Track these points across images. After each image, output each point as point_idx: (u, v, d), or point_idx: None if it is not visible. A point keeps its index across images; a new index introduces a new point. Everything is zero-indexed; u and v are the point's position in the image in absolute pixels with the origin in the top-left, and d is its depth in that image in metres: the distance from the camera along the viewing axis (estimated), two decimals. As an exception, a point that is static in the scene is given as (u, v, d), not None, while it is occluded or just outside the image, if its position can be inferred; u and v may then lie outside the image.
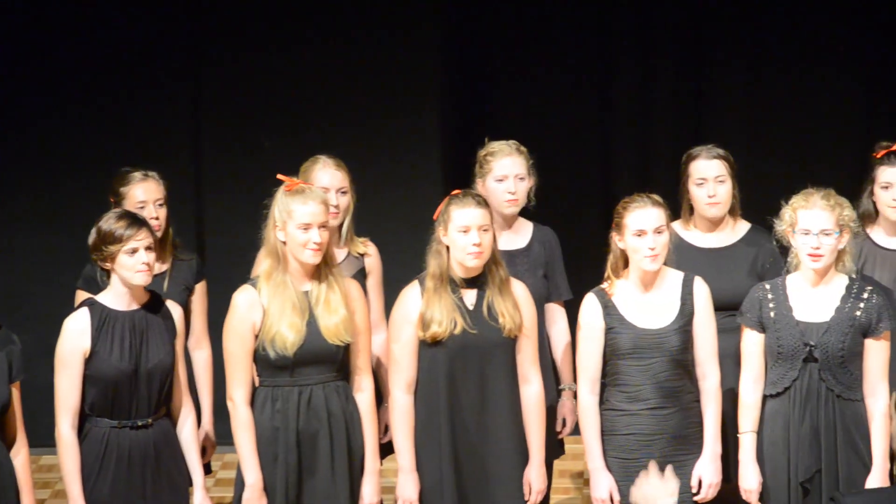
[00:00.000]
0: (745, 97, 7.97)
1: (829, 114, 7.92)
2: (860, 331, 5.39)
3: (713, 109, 8.01)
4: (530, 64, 8.02)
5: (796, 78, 7.91)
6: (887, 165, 5.86)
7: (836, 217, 5.38)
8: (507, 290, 5.48)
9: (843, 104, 7.92)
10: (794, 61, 7.91)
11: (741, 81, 7.97)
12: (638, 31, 8.01)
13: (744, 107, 7.98)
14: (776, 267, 5.82)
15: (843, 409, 5.38)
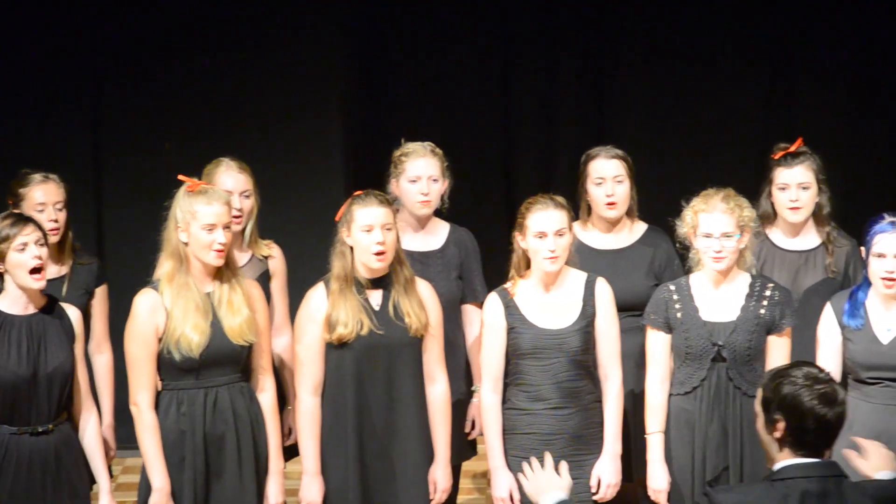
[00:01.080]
0: (645, 98, 8.03)
1: (728, 114, 7.99)
2: (765, 328, 5.46)
3: (615, 110, 8.06)
4: (433, 65, 8.02)
5: (696, 78, 7.97)
6: (784, 167, 5.91)
7: (737, 219, 5.43)
8: (413, 289, 5.48)
9: (742, 104, 7.99)
10: (695, 62, 7.98)
11: (642, 82, 8.03)
12: (539, 32, 8.05)
13: (645, 107, 8.03)
14: (673, 267, 5.88)
15: (748, 406, 5.40)
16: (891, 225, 5.31)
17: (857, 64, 7.92)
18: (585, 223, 6.07)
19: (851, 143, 7.87)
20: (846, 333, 5.40)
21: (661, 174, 6.60)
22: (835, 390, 3.87)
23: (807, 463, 3.86)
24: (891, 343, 5.33)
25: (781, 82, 8.00)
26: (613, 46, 8.05)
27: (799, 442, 3.87)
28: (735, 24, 7.97)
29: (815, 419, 3.84)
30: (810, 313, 5.64)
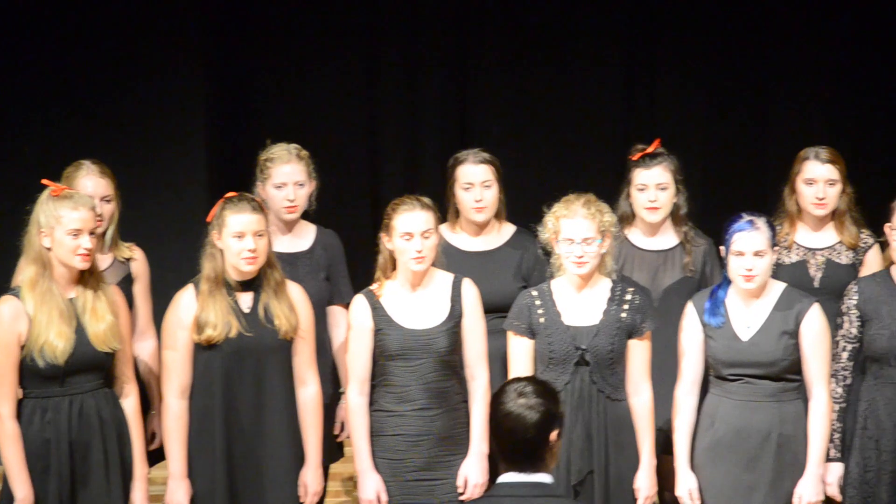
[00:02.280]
0: (508, 99, 8.07)
1: (589, 116, 8.07)
2: (626, 332, 5.51)
3: (478, 111, 8.09)
4: (298, 65, 7.99)
5: (557, 80, 8.03)
6: (643, 168, 5.97)
7: (598, 224, 5.48)
8: (283, 292, 5.46)
9: (603, 106, 8.07)
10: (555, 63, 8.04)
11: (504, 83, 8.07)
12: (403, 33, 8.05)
13: (507, 108, 8.07)
14: (540, 270, 5.91)
15: (611, 409, 5.48)
16: (748, 224, 5.40)
17: (713, 65, 8.04)
18: (454, 225, 6.09)
19: (708, 143, 7.99)
20: (707, 331, 5.47)
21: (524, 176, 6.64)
22: (527, 404, 3.89)
23: (517, 482, 3.89)
24: (751, 340, 5.42)
25: (640, 84, 8.09)
26: (476, 47, 8.07)
27: (501, 454, 3.93)
28: (594, 26, 8.05)
29: (501, 428, 3.92)
30: (670, 312, 5.71)
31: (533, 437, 3.90)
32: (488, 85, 8.07)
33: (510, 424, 3.91)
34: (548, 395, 3.97)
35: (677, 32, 8.03)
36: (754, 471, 5.39)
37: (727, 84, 8.03)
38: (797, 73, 8.02)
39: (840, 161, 5.97)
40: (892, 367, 5.36)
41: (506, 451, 3.93)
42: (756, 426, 5.36)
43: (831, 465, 5.44)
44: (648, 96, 8.06)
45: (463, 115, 8.09)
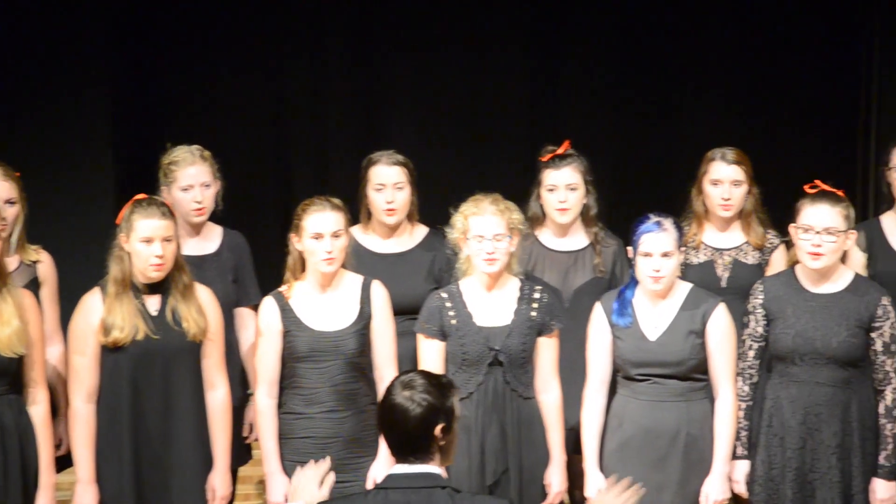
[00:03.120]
0: (416, 101, 8.08)
1: (497, 118, 8.09)
2: (536, 330, 5.53)
3: (385, 111, 8.09)
4: (205, 67, 7.94)
5: (465, 83, 8.05)
6: (553, 169, 5.99)
7: (507, 221, 5.50)
8: (192, 295, 5.43)
9: (511, 108, 8.10)
10: (463, 65, 8.05)
11: (412, 85, 8.07)
12: (309, 31, 8.03)
13: (416, 111, 8.08)
14: (452, 272, 5.90)
15: (523, 408, 5.50)
16: (656, 225, 5.44)
17: (621, 66, 8.09)
18: (366, 226, 6.09)
19: (616, 144, 8.04)
20: (615, 332, 5.50)
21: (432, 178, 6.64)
22: (409, 396, 3.89)
23: (402, 473, 3.89)
24: (658, 340, 5.45)
25: (548, 86, 8.12)
26: (384, 49, 8.07)
27: (388, 444, 3.94)
28: (500, 27, 8.07)
29: (381, 417, 3.93)
30: (580, 313, 5.73)
31: (414, 430, 3.88)
32: (396, 87, 8.07)
33: (393, 416, 3.90)
34: (434, 389, 3.94)
35: (584, 33, 8.07)
36: (662, 470, 5.42)
37: (635, 85, 8.08)
38: (704, 73, 8.08)
39: (746, 162, 6.03)
40: (797, 366, 5.42)
41: (391, 443, 3.93)
42: (664, 426, 5.40)
43: (738, 463, 5.49)
44: (556, 97, 8.09)
45: (371, 116, 8.07)
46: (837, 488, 5.38)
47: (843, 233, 5.40)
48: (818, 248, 5.38)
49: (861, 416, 5.41)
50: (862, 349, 5.41)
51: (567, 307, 5.87)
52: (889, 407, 5.42)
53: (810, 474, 5.41)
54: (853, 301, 5.42)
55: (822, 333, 5.39)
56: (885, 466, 5.41)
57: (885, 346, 5.42)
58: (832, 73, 8.01)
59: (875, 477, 5.42)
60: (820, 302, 5.44)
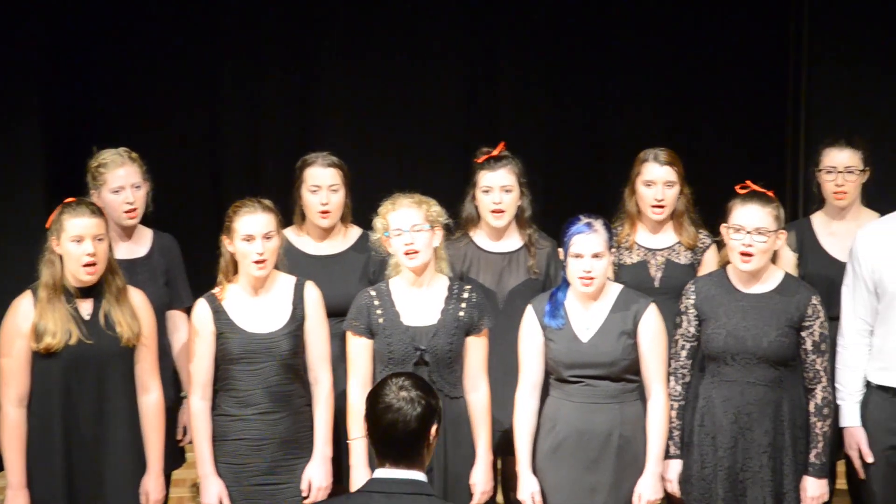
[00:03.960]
0: (351, 103, 8.07)
1: (432, 119, 8.09)
2: (464, 330, 5.53)
3: (320, 112, 8.07)
4: (136, 67, 7.90)
5: (400, 84, 8.05)
6: (488, 170, 6.00)
7: (425, 213, 5.49)
8: (125, 298, 5.40)
9: (446, 110, 8.11)
10: (398, 67, 8.05)
11: (347, 87, 8.06)
12: (245, 30, 8.00)
13: (351, 113, 8.07)
14: (384, 272, 5.91)
15: (450, 407, 5.49)
16: (587, 226, 5.45)
17: (554, 68, 8.12)
18: (299, 228, 6.08)
19: (549, 146, 8.07)
20: (548, 334, 5.50)
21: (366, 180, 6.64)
22: (401, 399, 3.92)
23: (388, 478, 3.91)
24: (590, 342, 5.47)
25: (483, 87, 8.14)
26: (319, 50, 8.06)
27: (375, 448, 3.95)
28: (436, 29, 8.08)
29: (371, 423, 3.94)
30: (515, 314, 5.74)
31: (415, 430, 3.91)
32: (331, 88, 8.06)
33: (392, 417, 3.91)
34: (427, 390, 3.99)
35: (518, 36, 8.10)
36: (596, 472, 5.44)
37: (568, 87, 8.12)
38: (636, 75, 8.13)
39: (678, 163, 6.06)
40: (729, 366, 5.45)
41: (384, 446, 3.93)
42: (597, 428, 5.42)
43: (671, 462, 5.52)
44: (491, 100, 8.11)
45: (305, 117, 8.06)
46: (769, 487, 5.42)
47: (774, 233, 5.45)
48: (749, 249, 5.41)
49: (792, 415, 5.45)
50: (793, 348, 5.45)
51: (501, 309, 5.88)
52: (819, 405, 5.46)
53: (742, 473, 5.44)
54: (784, 301, 5.46)
55: (754, 333, 5.42)
56: (816, 464, 5.45)
57: (815, 346, 5.46)
58: (762, 74, 8.08)
59: (806, 475, 5.46)
60: (751, 302, 5.48)
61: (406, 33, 8.03)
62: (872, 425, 5.49)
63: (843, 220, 6.07)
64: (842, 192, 6.04)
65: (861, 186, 6.07)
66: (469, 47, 8.11)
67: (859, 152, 6.05)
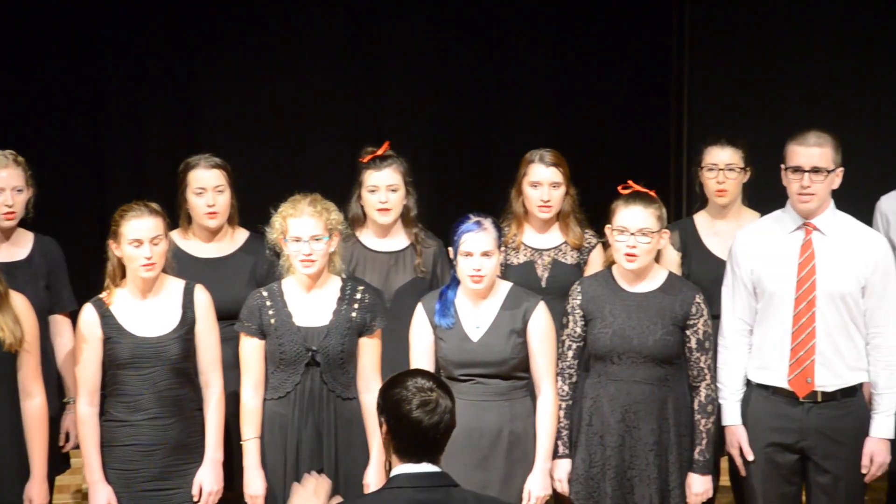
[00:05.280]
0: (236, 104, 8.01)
1: (318, 119, 8.06)
2: (356, 331, 5.54)
3: (207, 114, 8.00)
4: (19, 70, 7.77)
5: (285, 83, 8.01)
6: (373, 170, 6.02)
7: (325, 222, 5.50)
8: (7, 303, 5.33)
9: (333, 109, 8.08)
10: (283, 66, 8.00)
11: (232, 88, 8.01)
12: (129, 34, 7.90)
13: (236, 113, 8.01)
14: (273, 274, 5.88)
15: (341, 408, 5.51)
16: (476, 224, 5.48)
17: (441, 67, 8.12)
18: (186, 231, 6.04)
19: (436, 145, 8.08)
20: (438, 333, 5.53)
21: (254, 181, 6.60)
22: (436, 400, 3.94)
23: (416, 473, 3.95)
24: (480, 340, 5.50)
25: (369, 87, 8.12)
26: (205, 51, 7.99)
27: (401, 447, 3.96)
28: (322, 28, 8.05)
29: (410, 424, 3.92)
30: (402, 313, 5.77)
31: (444, 432, 3.94)
32: (215, 89, 7.99)
33: (438, 417, 3.93)
34: (447, 389, 4.01)
35: (405, 35, 8.09)
36: (486, 469, 5.47)
37: (455, 87, 8.13)
38: (523, 75, 8.16)
39: (564, 164, 6.11)
40: (615, 365, 5.51)
41: (409, 445, 3.94)
42: (488, 425, 5.45)
43: (558, 462, 5.56)
44: (377, 99, 8.10)
45: (191, 119, 7.99)
46: (655, 484, 5.48)
47: (657, 233, 5.51)
48: (633, 249, 5.47)
49: (677, 413, 5.52)
50: (677, 347, 5.52)
51: (388, 308, 5.89)
52: (703, 403, 5.54)
53: (629, 471, 5.50)
54: (668, 300, 5.53)
55: (639, 332, 5.48)
56: (700, 461, 5.53)
57: (699, 344, 5.53)
58: (644, 75, 8.16)
59: (690, 472, 5.53)
60: (636, 301, 5.54)
61: (292, 32, 7.99)
62: (753, 423, 5.56)
63: (725, 219, 6.15)
64: (723, 190, 6.12)
65: (742, 186, 6.16)
66: (356, 47, 8.08)
67: (740, 151, 6.14)
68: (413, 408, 3.93)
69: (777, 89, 7.95)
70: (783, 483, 5.54)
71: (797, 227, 5.53)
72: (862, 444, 5.50)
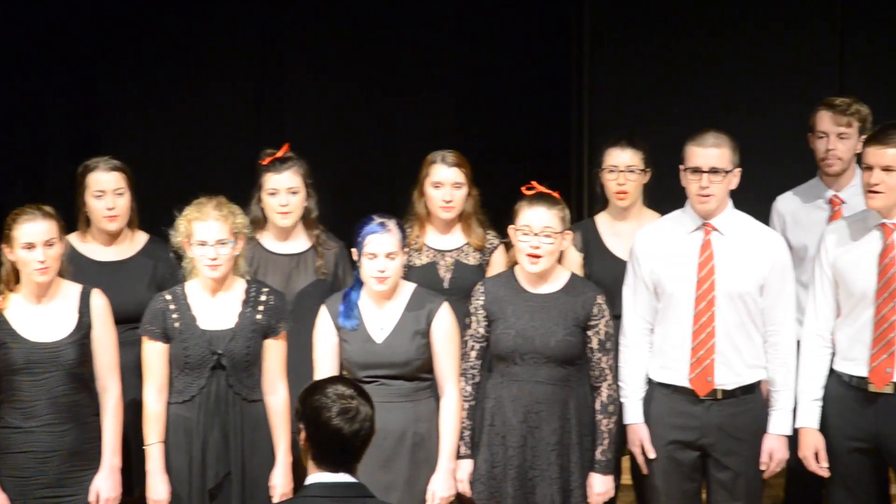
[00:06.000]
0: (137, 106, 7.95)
1: (218, 121, 8.02)
2: (262, 333, 5.52)
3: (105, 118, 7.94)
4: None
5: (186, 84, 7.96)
6: (273, 172, 6.01)
7: (231, 226, 5.48)
8: None
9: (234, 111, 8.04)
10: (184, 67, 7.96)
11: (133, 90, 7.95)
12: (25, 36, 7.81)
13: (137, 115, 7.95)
14: (175, 277, 5.85)
15: (248, 411, 5.49)
16: (380, 226, 5.48)
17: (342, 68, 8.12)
18: (84, 235, 6.00)
19: (338, 147, 8.07)
20: (342, 334, 5.52)
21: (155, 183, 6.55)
22: (357, 408, 3.93)
23: (332, 482, 3.92)
24: (385, 342, 5.50)
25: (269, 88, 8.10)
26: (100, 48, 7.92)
27: (318, 455, 3.94)
28: (222, 29, 8.01)
29: (329, 432, 3.91)
30: (304, 315, 5.75)
31: (363, 441, 3.93)
32: (115, 91, 7.93)
33: (358, 425, 3.91)
34: (367, 397, 4.00)
35: (307, 36, 8.08)
36: (390, 470, 5.47)
37: (356, 87, 8.12)
38: (424, 77, 8.17)
39: (466, 164, 6.12)
40: (518, 365, 5.52)
41: (327, 454, 3.91)
42: (392, 426, 5.43)
43: (461, 463, 5.56)
44: (277, 100, 8.07)
45: (90, 122, 7.91)
46: (556, 484, 5.50)
47: (560, 234, 5.54)
48: (536, 250, 5.50)
49: (579, 413, 5.54)
50: (579, 347, 5.55)
51: (290, 310, 5.86)
52: (605, 403, 5.57)
53: (531, 471, 5.52)
54: (570, 300, 5.56)
55: (542, 333, 5.50)
56: (602, 461, 5.56)
57: (601, 344, 5.57)
58: (546, 77, 8.20)
59: (592, 472, 5.56)
60: (538, 302, 5.56)
61: (191, 32, 7.94)
62: (654, 422, 5.60)
63: (626, 220, 6.19)
64: (623, 191, 6.16)
65: (642, 187, 6.21)
66: (258, 48, 8.06)
67: (640, 153, 6.18)
68: (333, 415, 3.91)
69: (677, 90, 8.02)
70: (684, 480, 5.59)
71: (696, 228, 5.57)
72: (760, 440, 5.56)
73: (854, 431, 5.46)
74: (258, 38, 8.08)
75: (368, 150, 8.17)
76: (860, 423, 5.45)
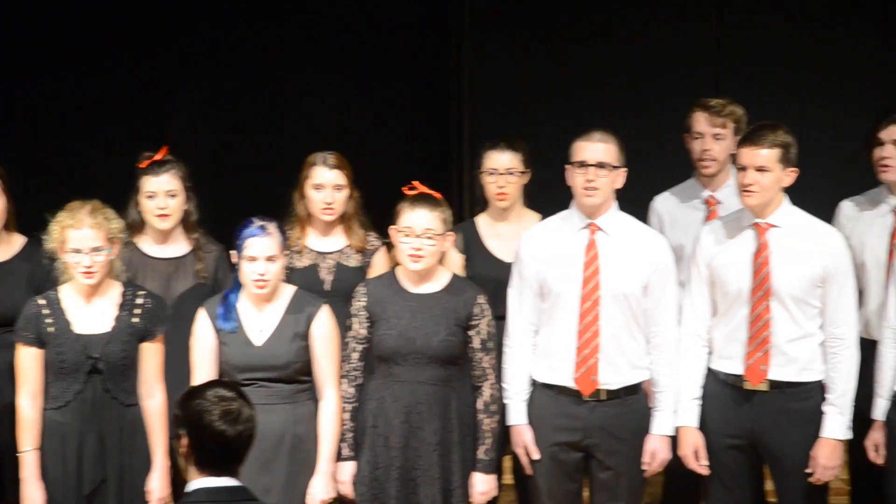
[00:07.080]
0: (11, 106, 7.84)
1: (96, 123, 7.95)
2: (138, 336, 5.48)
3: None
4: None
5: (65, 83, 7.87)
6: (151, 175, 5.96)
7: (105, 233, 5.43)
8: None
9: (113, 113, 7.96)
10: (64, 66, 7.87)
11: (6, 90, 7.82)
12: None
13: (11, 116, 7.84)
14: (53, 280, 5.76)
15: (124, 415, 5.44)
16: (260, 229, 5.46)
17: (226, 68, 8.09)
18: (-44, 238, 5.90)
19: (219, 149, 8.03)
20: (221, 337, 5.50)
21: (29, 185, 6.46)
22: (239, 409, 3.92)
23: (216, 487, 3.90)
24: (264, 345, 5.48)
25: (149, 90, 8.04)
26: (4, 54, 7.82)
27: (202, 460, 3.91)
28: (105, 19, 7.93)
29: (213, 435, 3.89)
30: (184, 319, 5.71)
31: (245, 444, 3.91)
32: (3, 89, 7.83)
33: (242, 427, 3.89)
34: (248, 400, 3.98)
35: (188, 37, 8.02)
36: (270, 472, 5.45)
37: (237, 89, 8.09)
38: (305, 77, 8.16)
39: (347, 166, 6.11)
40: (400, 366, 5.53)
41: (209, 457, 3.88)
42: (270, 428, 5.40)
43: (343, 464, 5.56)
44: (158, 103, 8.01)
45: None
46: (438, 484, 5.51)
47: (442, 235, 5.55)
48: (418, 251, 5.50)
49: (460, 413, 5.56)
50: (461, 347, 5.56)
51: (170, 314, 5.81)
52: (487, 402, 5.59)
53: (413, 472, 5.53)
54: (451, 301, 5.57)
55: (423, 333, 5.51)
56: (484, 460, 5.58)
57: (482, 344, 5.59)
58: (426, 78, 8.23)
59: (474, 471, 5.58)
60: (420, 302, 5.57)
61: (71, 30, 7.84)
62: (538, 422, 5.63)
63: (507, 221, 6.22)
64: (503, 193, 6.19)
65: (522, 188, 6.24)
66: (138, 50, 7.98)
67: (519, 154, 6.21)
68: (215, 418, 3.89)
69: (557, 91, 8.08)
70: (566, 480, 5.62)
71: (582, 227, 5.62)
72: (643, 440, 5.61)
73: (730, 429, 5.54)
74: (140, 37, 8.00)
75: (248, 152, 8.13)
76: (736, 421, 5.53)
